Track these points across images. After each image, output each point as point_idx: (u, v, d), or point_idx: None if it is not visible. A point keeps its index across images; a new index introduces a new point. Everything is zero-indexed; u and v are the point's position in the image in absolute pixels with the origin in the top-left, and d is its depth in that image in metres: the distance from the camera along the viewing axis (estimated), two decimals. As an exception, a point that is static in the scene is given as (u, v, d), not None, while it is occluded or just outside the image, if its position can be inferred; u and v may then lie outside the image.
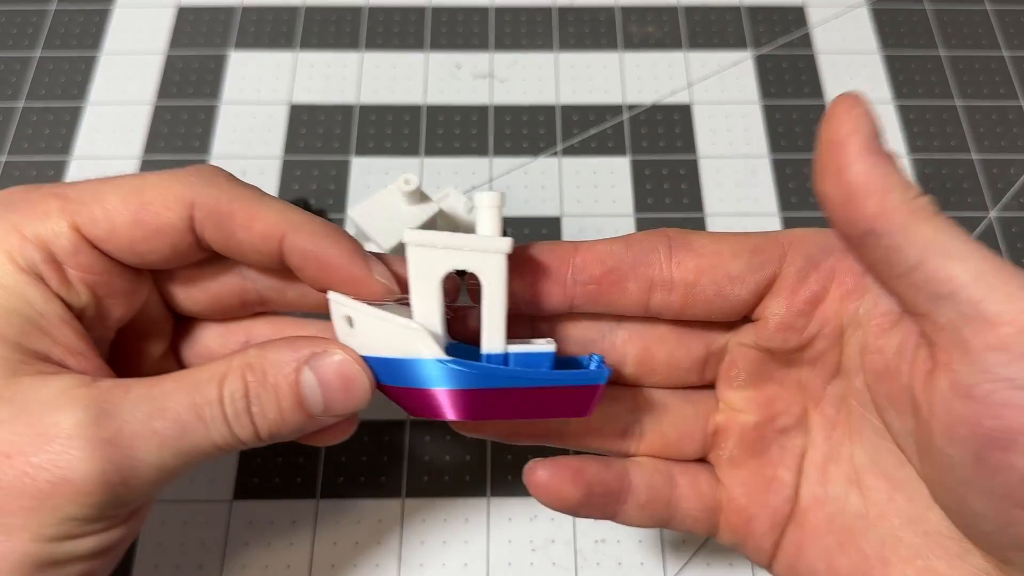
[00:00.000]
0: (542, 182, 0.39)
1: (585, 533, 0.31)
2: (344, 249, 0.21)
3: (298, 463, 0.32)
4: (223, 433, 0.20)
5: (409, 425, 0.33)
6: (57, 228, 0.21)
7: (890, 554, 0.21)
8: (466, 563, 0.31)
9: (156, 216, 0.21)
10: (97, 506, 0.19)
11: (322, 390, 0.21)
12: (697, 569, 0.31)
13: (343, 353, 0.21)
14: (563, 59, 0.43)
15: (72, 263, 0.21)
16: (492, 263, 0.21)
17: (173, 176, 0.21)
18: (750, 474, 0.24)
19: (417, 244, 0.21)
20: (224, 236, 0.21)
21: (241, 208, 0.21)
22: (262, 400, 0.20)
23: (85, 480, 0.18)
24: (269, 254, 0.22)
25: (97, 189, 0.21)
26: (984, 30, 0.44)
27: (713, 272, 0.22)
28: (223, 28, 0.43)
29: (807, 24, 0.44)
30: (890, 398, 0.20)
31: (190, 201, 0.21)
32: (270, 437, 0.21)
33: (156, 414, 0.19)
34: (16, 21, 0.43)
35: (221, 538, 0.31)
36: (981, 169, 0.40)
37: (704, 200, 0.38)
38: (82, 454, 0.18)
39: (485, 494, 0.32)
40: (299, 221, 0.21)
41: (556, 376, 0.21)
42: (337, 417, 0.22)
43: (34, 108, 0.41)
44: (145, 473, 0.19)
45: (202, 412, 0.20)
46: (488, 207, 0.21)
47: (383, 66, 0.42)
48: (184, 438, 0.20)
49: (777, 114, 0.41)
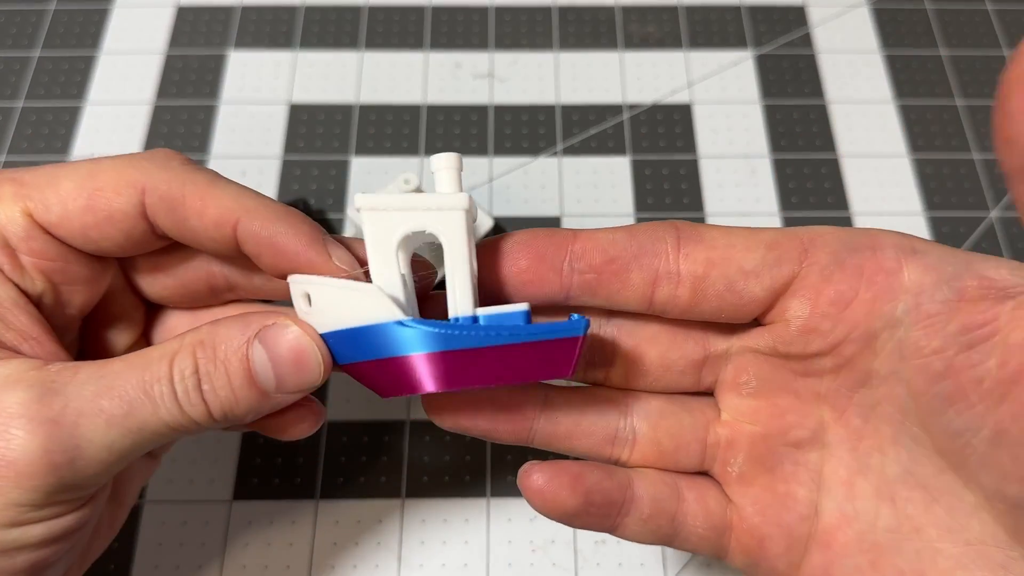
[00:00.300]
0: (542, 182, 0.39)
1: (585, 534, 0.31)
2: (301, 234, 0.21)
3: (298, 463, 0.32)
4: (173, 412, 0.19)
5: (409, 425, 0.33)
6: (9, 213, 0.20)
7: (928, 568, 0.20)
8: (466, 563, 0.31)
9: (107, 202, 0.20)
10: (42, 489, 0.18)
11: (272, 365, 0.20)
12: (697, 570, 0.31)
13: (294, 326, 0.20)
14: (563, 59, 0.43)
15: (24, 248, 0.21)
16: (451, 221, 0.20)
17: (126, 160, 0.21)
18: (762, 491, 0.22)
19: (370, 208, 0.20)
20: (177, 223, 0.21)
21: (193, 193, 0.21)
22: (212, 377, 0.20)
23: (27, 461, 0.18)
24: (224, 241, 0.21)
25: (52, 174, 0.21)
26: (985, 30, 0.44)
27: (725, 265, 0.20)
28: (222, 28, 0.43)
29: (808, 24, 0.44)
30: (952, 398, 0.19)
31: (141, 186, 0.20)
32: (223, 417, 0.20)
33: (103, 392, 0.19)
34: (15, 21, 0.43)
35: (220, 538, 0.31)
36: (982, 169, 0.39)
37: (704, 200, 0.38)
38: (24, 433, 0.18)
39: (485, 494, 0.32)
40: (253, 206, 0.21)
41: (530, 330, 0.19)
42: (292, 395, 0.20)
43: (33, 108, 0.41)
44: (92, 454, 0.19)
45: (150, 390, 0.19)
46: (445, 168, 0.20)
47: (383, 66, 0.42)
48: (131, 416, 0.19)
49: (778, 114, 0.41)
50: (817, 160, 0.40)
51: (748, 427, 0.22)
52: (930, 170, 0.39)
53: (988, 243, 0.37)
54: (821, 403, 0.22)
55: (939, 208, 0.38)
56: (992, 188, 0.39)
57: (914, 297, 0.19)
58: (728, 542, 0.22)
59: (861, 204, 0.38)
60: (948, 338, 0.19)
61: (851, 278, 0.20)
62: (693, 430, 0.23)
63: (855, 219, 0.38)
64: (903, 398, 0.20)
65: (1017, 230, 0.38)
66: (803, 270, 0.20)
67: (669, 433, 0.22)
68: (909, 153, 0.40)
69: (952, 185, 0.39)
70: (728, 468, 0.22)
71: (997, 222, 0.38)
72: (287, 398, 0.21)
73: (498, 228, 0.37)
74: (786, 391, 0.22)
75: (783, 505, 0.22)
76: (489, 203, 0.38)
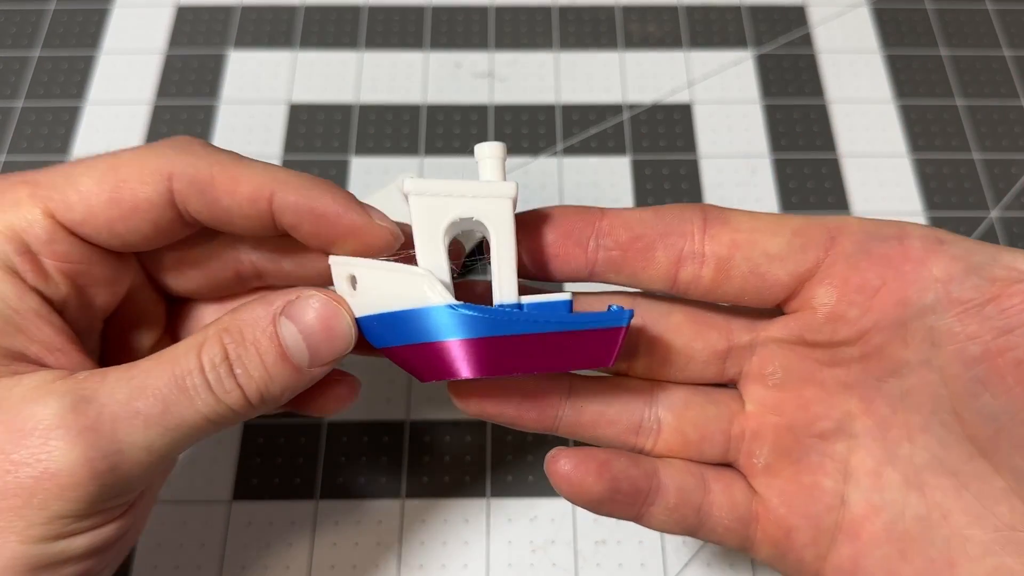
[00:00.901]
0: (542, 182, 0.39)
1: (585, 534, 0.31)
2: (339, 198, 0.20)
3: (297, 463, 0.32)
4: (209, 402, 0.19)
5: (409, 425, 0.33)
6: (29, 216, 0.20)
7: (957, 555, 0.20)
8: (466, 564, 0.31)
9: (133, 193, 0.20)
10: (86, 499, 0.18)
11: (303, 336, 0.20)
12: (698, 570, 0.31)
13: (318, 294, 0.20)
14: (563, 58, 0.43)
15: (47, 252, 0.20)
16: (499, 209, 0.20)
17: (147, 149, 0.20)
18: (788, 482, 0.22)
19: (419, 193, 0.19)
20: (209, 204, 0.20)
21: (222, 172, 0.20)
22: (244, 360, 0.19)
23: (70, 471, 0.18)
24: (259, 217, 0.21)
25: (68, 172, 0.20)
26: (985, 29, 0.44)
27: (750, 248, 0.21)
28: (222, 27, 0.43)
29: (808, 23, 0.44)
30: (988, 381, 0.19)
31: (167, 173, 0.20)
32: (261, 401, 0.20)
33: (136, 394, 0.18)
34: (15, 20, 0.43)
35: (220, 539, 0.31)
36: (982, 169, 0.39)
37: (704, 200, 0.38)
38: (63, 443, 0.18)
39: (485, 494, 0.32)
40: (285, 178, 0.20)
41: (575, 319, 0.20)
42: (325, 366, 0.20)
43: (33, 108, 0.41)
44: (133, 456, 0.18)
45: (183, 383, 0.19)
46: (490, 157, 0.20)
47: (383, 65, 0.42)
48: (168, 414, 0.19)
49: (778, 113, 0.41)
50: (817, 160, 0.40)
51: (773, 418, 0.22)
52: (930, 170, 0.39)
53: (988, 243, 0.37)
54: (848, 393, 0.22)
55: (939, 208, 0.38)
56: (992, 188, 0.39)
57: (944, 285, 0.20)
58: (754, 534, 0.22)
59: (861, 204, 0.38)
60: (984, 322, 0.19)
61: (878, 267, 0.20)
62: (718, 421, 0.23)
63: (855, 219, 0.38)
64: (935, 385, 0.20)
65: (1017, 230, 0.38)
66: (829, 257, 0.20)
67: (694, 423, 0.23)
68: (909, 153, 0.40)
69: (952, 185, 0.39)
70: (754, 460, 0.22)
71: (997, 222, 0.38)
72: (320, 371, 0.20)
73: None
74: (812, 382, 0.22)
75: (810, 496, 0.22)
76: (489, 203, 0.38)
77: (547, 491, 0.32)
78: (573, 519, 0.31)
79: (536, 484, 0.32)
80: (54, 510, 0.18)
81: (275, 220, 0.21)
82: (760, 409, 0.23)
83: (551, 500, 0.32)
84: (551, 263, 0.21)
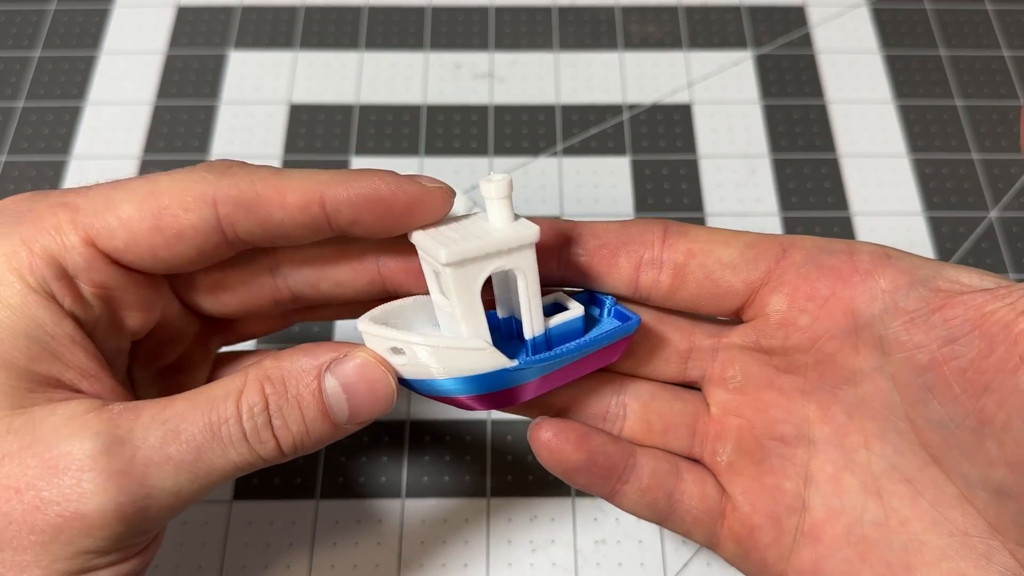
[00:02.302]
0: (542, 182, 0.39)
1: (585, 534, 0.31)
2: (386, 178, 0.20)
3: (298, 463, 0.32)
4: (242, 452, 0.19)
5: (409, 425, 0.33)
6: (68, 242, 0.19)
7: (914, 560, 0.21)
8: (466, 564, 0.31)
9: (176, 220, 0.20)
10: (112, 538, 0.18)
11: (347, 396, 0.20)
12: (697, 570, 0.31)
13: (363, 353, 0.20)
14: (563, 59, 0.43)
15: (85, 279, 0.20)
16: (526, 255, 0.20)
17: (187, 175, 0.20)
18: (751, 481, 0.23)
19: (457, 264, 0.19)
20: (260, 222, 0.20)
21: (266, 188, 0.20)
22: (284, 412, 0.19)
23: (99, 513, 0.18)
24: (313, 222, 0.20)
25: (108, 197, 0.20)
26: (985, 30, 0.44)
27: (705, 256, 0.22)
28: (223, 28, 0.43)
29: (807, 24, 0.44)
30: (935, 389, 0.20)
31: (211, 199, 0.20)
32: (292, 452, 0.20)
33: (170, 438, 0.19)
34: (16, 21, 0.43)
35: (220, 538, 0.31)
36: (982, 169, 0.39)
37: (704, 200, 0.38)
38: (94, 487, 0.18)
39: (485, 494, 0.32)
40: (328, 178, 0.20)
41: (604, 338, 0.22)
42: (361, 424, 0.21)
43: (34, 108, 0.41)
44: (161, 501, 0.19)
45: (219, 431, 0.19)
46: (497, 198, 0.20)
47: (383, 66, 0.42)
48: (200, 461, 0.19)
49: (777, 114, 0.41)
50: (817, 160, 0.40)
51: (735, 420, 0.23)
52: (930, 170, 0.39)
53: (988, 243, 0.37)
54: (806, 399, 0.23)
55: (939, 208, 0.38)
56: (992, 188, 0.39)
57: (891, 296, 0.21)
58: (720, 530, 0.23)
59: (861, 204, 0.38)
60: (930, 332, 0.20)
61: (828, 278, 0.21)
62: (683, 415, 0.24)
63: (855, 219, 0.38)
64: (888, 393, 0.21)
65: (1017, 230, 0.38)
66: (779, 268, 0.22)
67: (659, 414, 0.24)
68: (909, 153, 0.40)
69: (952, 185, 0.39)
70: (717, 457, 0.24)
71: (997, 222, 0.38)
72: (355, 428, 0.21)
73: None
74: (770, 387, 0.23)
75: (772, 497, 0.23)
76: (489, 203, 0.38)
77: (547, 491, 0.32)
78: (573, 519, 0.31)
79: (536, 484, 0.32)
80: (79, 546, 0.18)
81: (330, 222, 0.21)
82: (722, 411, 0.24)
83: (551, 500, 0.32)
84: None
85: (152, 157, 0.39)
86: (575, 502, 0.32)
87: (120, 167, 0.39)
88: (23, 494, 0.18)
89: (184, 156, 0.39)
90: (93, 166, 0.39)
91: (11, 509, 0.18)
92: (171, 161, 0.39)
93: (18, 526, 0.18)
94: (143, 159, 0.39)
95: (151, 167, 0.39)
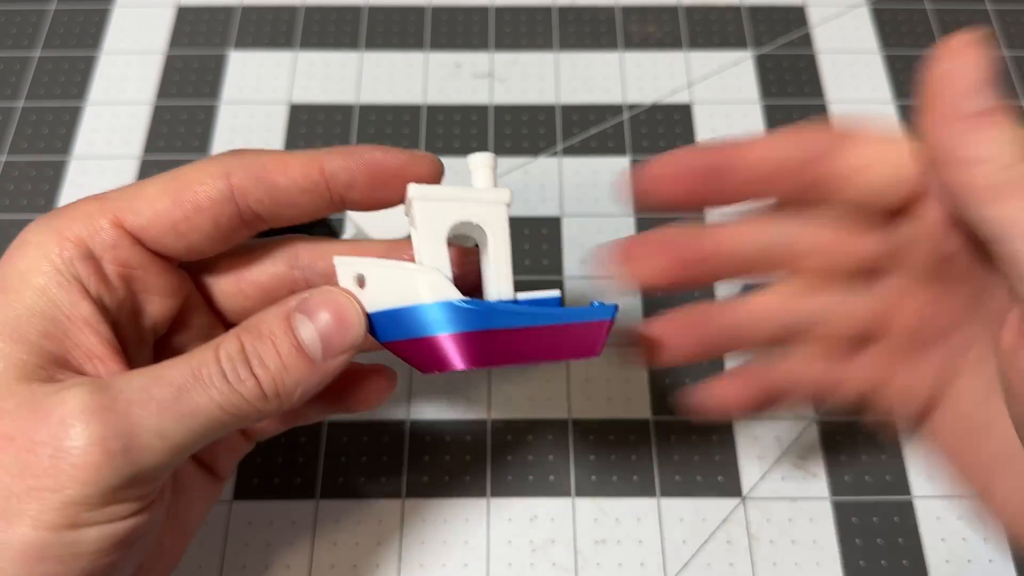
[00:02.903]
0: (542, 182, 0.39)
1: (585, 533, 0.31)
2: (379, 147, 0.23)
3: (298, 463, 0.32)
4: (223, 390, 0.20)
5: (409, 425, 0.33)
6: (97, 224, 0.21)
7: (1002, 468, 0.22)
8: (466, 564, 0.31)
9: (194, 193, 0.21)
10: (99, 483, 0.18)
11: (316, 328, 0.21)
12: (698, 570, 0.31)
13: (327, 287, 0.21)
14: (563, 59, 0.43)
15: (109, 257, 0.21)
16: (496, 213, 0.22)
17: (205, 160, 0.22)
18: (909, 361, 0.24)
19: (422, 198, 0.21)
20: (267, 189, 0.22)
21: (271, 159, 0.22)
22: (260, 351, 0.20)
23: (84, 449, 0.18)
24: (314, 187, 0.22)
25: (135, 185, 0.22)
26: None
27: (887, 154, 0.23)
28: (223, 28, 0.43)
29: (807, 24, 0.44)
30: None
31: (225, 171, 0.22)
32: (276, 393, 0.21)
33: (153, 382, 0.19)
34: (16, 21, 0.43)
35: (220, 538, 0.31)
36: (982, 169, 0.39)
37: (704, 200, 0.38)
38: (80, 423, 0.18)
39: (485, 494, 0.32)
40: (327, 150, 0.22)
41: (565, 313, 0.22)
42: (339, 357, 0.21)
43: (34, 108, 0.41)
44: (146, 441, 0.19)
45: (198, 372, 0.20)
46: (482, 166, 0.22)
47: (383, 66, 0.42)
48: (181, 400, 0.19)
49: (778, 114, 0.41)
50: (817, 160, 0.40)
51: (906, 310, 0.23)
52: (930, 170, 0.39)
53: (988, 243, 0.37)
54: (976, 300, 0.22)
55: (939, 208, 0.38)
56: (992, 188, 0.39)
57: None
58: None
59: (861, 204, 0.38)
60: None
61: None
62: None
63: (855, 219, 0.38)
64: None
65: (1017, 230, 0.38)
66: None
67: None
68: (909, 153, 0.40)
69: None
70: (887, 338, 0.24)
71: (997, 222, 0.38)
72: (333, 364, 0.21)
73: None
74: (948, 282, 0.22)
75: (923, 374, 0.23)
76: (489, 203, 0.38)
77: (547, 491, 0.32)
78: (573, 519, 0.31)
79: (536, 484, 0.32)
80: (67, 494, 0.18)
81: (330, 187, 0.22)
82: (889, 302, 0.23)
83: (551, 500, 0.32)
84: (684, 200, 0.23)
85: (152, 157, 0.39)
86: (575, 502, 0.32)
87: (120, 167, 0.39)
88: (16, 440, 0.18)
89: (184, 156, 0.39)
90: (93, 166, 0.39)
91: (4, 455, 0.18)
92: (171, 161, 0.39)
93: (10, 471, 0.18)
94: (143, 159, 0.39)
95: (151, 167, 0.39)
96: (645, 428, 0.33)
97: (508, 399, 0.34)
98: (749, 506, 0.32)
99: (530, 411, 0.33)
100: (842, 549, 0.31)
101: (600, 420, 0.33)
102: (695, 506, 0.32)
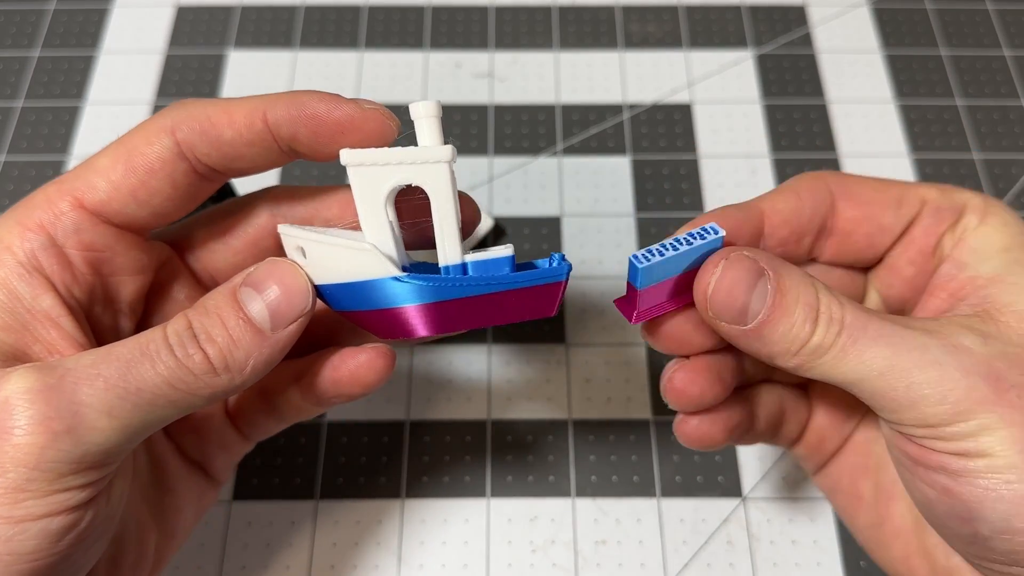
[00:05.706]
0: (542, 182, 0.39)
1: (585, 534, 0.31)
2: (324, 97, 0.21)
3: (297, 464, 0.32)
4: (170, 364, 0.19)
5: (409, 425, 0.33)
6: (57, 209, 0.21)
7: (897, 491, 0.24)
8: (466, 564, 0.31)
9: (143, 156, 0.21)
10: (44, 466, 0.18)
11: (263, 298, 0.20)
12: (698, 570, 0.31)
13: (271, 258, 0.21)
14: (563, 58, 0.43)
15: (74, 243, 0.21)
16: (437, 174, 0.20)
17: (148, 120, 0.22)
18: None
19: (356, 164, 0.20)
20: (214, 143, 0.21)
21: (215, 110, 0.21)
22: (206, 326, 0.20)
23: (27, 430, 0.18)
24: (260, 139, 0.21)
25: (87, 161, 0.22)
26: (985, 29, 0.44)
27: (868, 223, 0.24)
28: (222, 27, 0.43)
29: (808, 23, 0.44)
30: None
31: (168, 128, 0.21)
32: (225, 366, 0.20)
33: (101, 360, 0.19)
34: (15, 20, 0.43)
35: (220, 539, 0.31)
36: (982, 169, 0.39)
37: (705, 200, 0.38)
38: (23, 403, 0.18)
39: (485, 495, 0.32)
40: (272, 98, 0.21)
41: (516, 278, 0.21)
42: (287, 329, 0.21)
43: (33, 108, 0.41)
44: (92, 420, 0.18)
45: (146, 348, 0.19)
46: (425, 116, 0.20)
47: (383, 65, 0.42)
48: (128, 376, 0.19)
49: (778, 113, 0.41)
50: (817, 160, 0.39)
51: None
52: (930, 170, 0.39)
53: (988, 243, 0.37)
54: None
55: (939, 208, 0.38)
56: (992, 189, 0.39)
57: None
58: None
59: (861, 204, 0.38)
60: None
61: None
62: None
63: (855, 219, 0.38)
64: None
65: (1017, 230, 0.38)
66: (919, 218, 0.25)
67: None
68: (909, 153, 0.40)
69: (952, 185, 0.39)
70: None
71: (997, 222, 0.38)
72: (285, 336, 0.21)
73: (498, 228, 0.37)
74: None
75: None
76: (489, 203, 0.38)
77: (547, 491, 0.32)
78: (573, 519, 0.31)
79: (536, 484, 0.32)
80: (10, 479, 0.18)
81: (275, 139, 0.21)
82: None
83: (551, 500, 0.32)
84: None
85: (152, 157, 0.39)
86: (575, 502, 0.32)
87: (120, 167, 0.39)
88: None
89: (184, 156, 0.39)
90: (93, 166, 0.39)
91: None
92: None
93: None
94: (143, 159, 0.39)
95: (151, 167, 0.39)
96: (645, 428, 0.33)
97: (508, 399, 0.34)
98: (749, 506, 0.32)
99: (530, 411, 0.33)
100: (843, 549, 0.31)
101: (600, 420, 0.33)
102: (695, 506, 0.32)
